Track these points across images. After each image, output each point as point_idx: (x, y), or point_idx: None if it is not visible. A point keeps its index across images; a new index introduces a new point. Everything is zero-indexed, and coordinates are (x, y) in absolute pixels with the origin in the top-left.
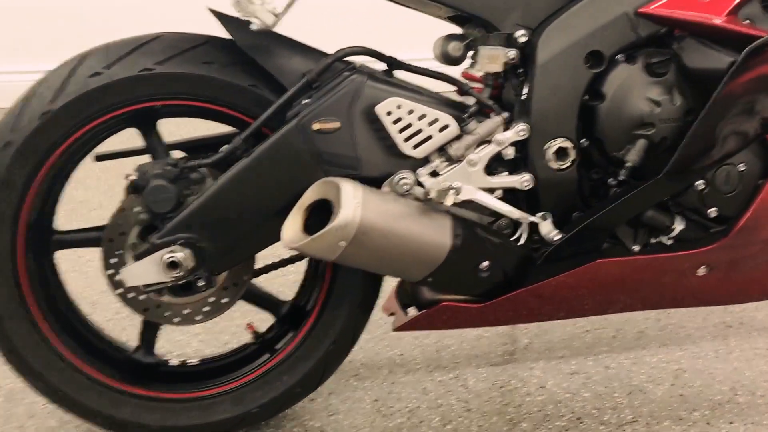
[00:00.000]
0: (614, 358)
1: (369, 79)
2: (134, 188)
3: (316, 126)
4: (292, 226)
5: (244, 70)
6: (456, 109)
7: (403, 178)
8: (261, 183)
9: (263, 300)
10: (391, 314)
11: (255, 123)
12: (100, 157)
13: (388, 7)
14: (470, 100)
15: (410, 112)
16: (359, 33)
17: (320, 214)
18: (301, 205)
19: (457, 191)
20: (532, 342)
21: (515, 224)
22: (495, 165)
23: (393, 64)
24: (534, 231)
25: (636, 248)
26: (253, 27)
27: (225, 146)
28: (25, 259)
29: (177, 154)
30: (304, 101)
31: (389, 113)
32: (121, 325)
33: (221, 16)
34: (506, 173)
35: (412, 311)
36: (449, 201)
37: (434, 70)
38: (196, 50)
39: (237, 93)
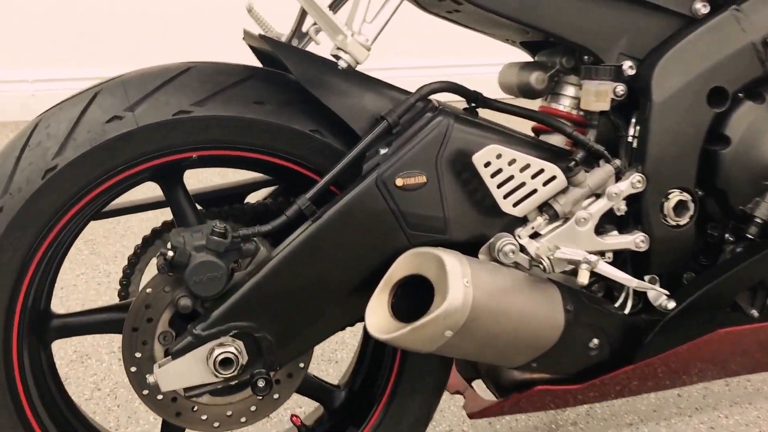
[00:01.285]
0: (687, 422)
1: (456, 121)
2: (170, 265)
3: (399, 181)
4: (379, 309)
5: (304, 111)
6: (559, 156)
7: (508, 243)
8: (334, 253)
9: (313, 388)
10: (456, 392)
11: (326, 178)
12: (106, 214)
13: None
14: (558, 140)
15: (511, 162)
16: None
17: (408, 290)
18: (387, 282)
19: (588, 262)
20: (593, 406)
21: (608, 288)
22: (601, 222)
23: (478, 100)
24: (637, 296)
25: (755, 313)
26: (342, 64)
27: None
28: (20, 357)
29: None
30: (382, 150)
31: (487, 164)
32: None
33: (278, 45)
34: (615, 232)
35: (478, 387)
36: (558, 268)
37: (527, 108)
38: (241, 86)
39: (295, 140)
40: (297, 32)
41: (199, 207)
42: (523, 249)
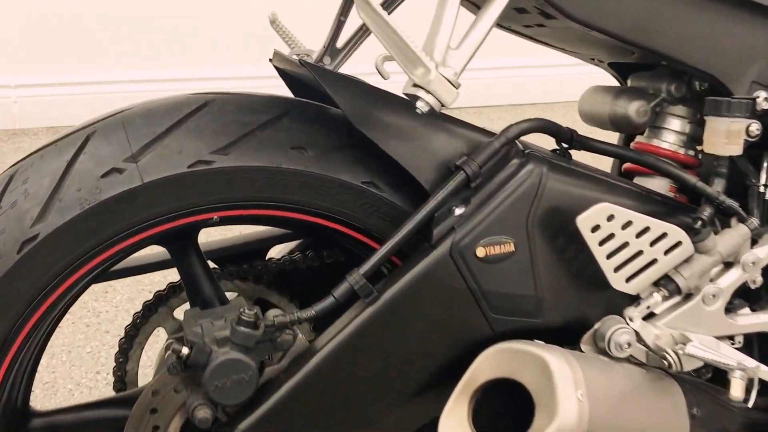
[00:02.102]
0: None
1: (550, 170)
2: (185, 365)
3: (480, 251)
4: (456, 420)
5: (355, 158)
6: (677, 212)
7: (623, 332)
8: (395, 345)
9: None
10: None
11: (386, 246)
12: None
13: None
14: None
15: (626, 225)
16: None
17: (494, 394)
18: (468, 387)
19: (744, 369)
20: None
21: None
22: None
23: (573, 140)
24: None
25: None
26: (422, 107)
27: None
28: None
29: None
30: (458, 209)
31: (595, 228)
32: None
33: (324, 74)
34: (747, 309)
35: None
36: (689, 366)
37: (636, 151)
38: (274, 127)
39: (343, 195)
40: (330, 49)
41: (212, 264)
42: (638, 337)
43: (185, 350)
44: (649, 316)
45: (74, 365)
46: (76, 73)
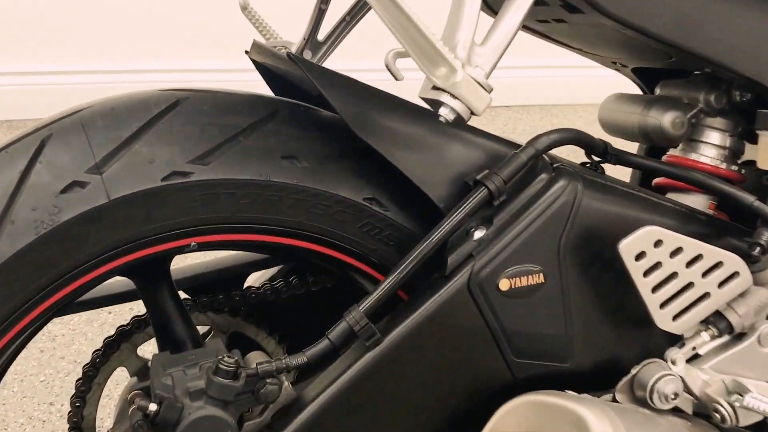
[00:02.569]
0: None
1: (586, 187)
2: (151, 422)
3: (504, 284)
4: None
5: (355, 170)
6: (732, 237)
7: (668, 380)
8: (400, 395)
9: None
10: None
11: (390, 278)
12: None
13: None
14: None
15: (675, 252)
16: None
17: None
18: None
19: None
20: None
21: None
22: None
23: (607, 153)
24: None
25: None
26: (446, 115)
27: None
28: None
29: None
30: (478, 233)
31: (640, 256)
32: None
33: (319, 73)
34: None
35: None
36: (746, 420)
37: (677, 165)
38: (262, 131)
39: (341, 215)
40: (311, 41)
41: (183, 295)
42: (684, 385)
43: (153, 406)
44: (692, 358)
45: (26, 396)
46: (29, 63)
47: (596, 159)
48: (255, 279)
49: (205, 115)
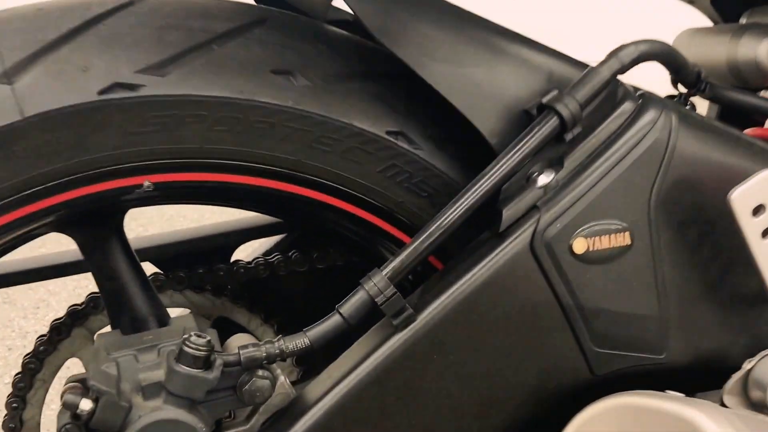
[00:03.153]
0: None
1: (682, 121)
2: (84, 426)
3: (580, 244)
4: None
5: (373, 94)
6: None
7: None
8: (445, 391)
9: None
10: None
11: (421, 238)
12: None
13: None
14: None
15: None
16: None
17: None
18: None
19: None
20: None
21: None
22: None
23: (700, 82)
24: None
25: None
26: None
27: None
28: None
29: None
30: (543, 178)
31: (759, 210)
32: None
33: None
34: None
35: None
36: None
37: None
38: (241, 38)
39: (354, 152)
40: None
41: (155, 270)
42: None
43: (86, 404)
44: None
45: None
46: None
47: (687, 92)
48: (247, 254)
49: (166, 17)
